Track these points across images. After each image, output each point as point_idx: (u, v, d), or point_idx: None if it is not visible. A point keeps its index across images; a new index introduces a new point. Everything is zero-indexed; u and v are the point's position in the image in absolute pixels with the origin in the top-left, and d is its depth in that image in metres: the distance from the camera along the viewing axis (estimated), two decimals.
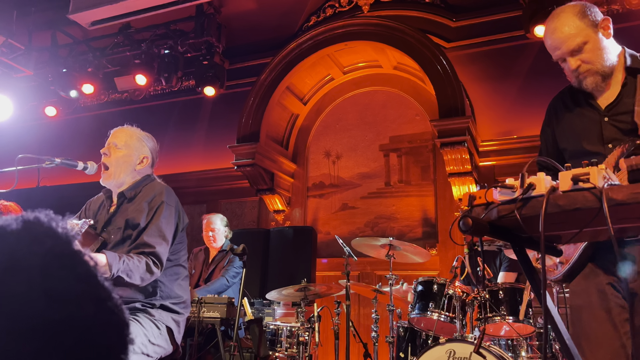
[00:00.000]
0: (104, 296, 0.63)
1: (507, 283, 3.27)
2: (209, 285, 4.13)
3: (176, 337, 2.27)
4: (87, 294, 0.61)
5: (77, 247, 0.64)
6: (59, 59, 6.44)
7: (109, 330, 0.62)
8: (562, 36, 1.82)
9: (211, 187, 6.34)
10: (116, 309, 0.65)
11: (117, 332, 0.64)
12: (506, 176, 5.19)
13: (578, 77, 1.87)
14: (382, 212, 5.59)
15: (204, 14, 5.93)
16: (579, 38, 1.81)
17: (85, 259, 0.64)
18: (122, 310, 0.66)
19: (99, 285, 0.63)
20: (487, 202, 1.20)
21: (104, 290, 0.64)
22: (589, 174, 1.07)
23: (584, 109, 1.92)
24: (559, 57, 1.89)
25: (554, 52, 1.89)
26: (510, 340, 3.30)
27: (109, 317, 0.63)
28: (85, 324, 0.59)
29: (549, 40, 1.89)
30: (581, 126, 1.90)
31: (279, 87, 5.68)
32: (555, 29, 1.84)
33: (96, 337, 0.60)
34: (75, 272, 0.61)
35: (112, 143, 2.41)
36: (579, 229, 1.19)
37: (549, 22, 1.89)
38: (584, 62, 1.83)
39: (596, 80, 1.84)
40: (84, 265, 0.63)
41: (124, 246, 2.23)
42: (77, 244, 0.64)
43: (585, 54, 1.82)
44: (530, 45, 5.20)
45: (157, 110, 6.93)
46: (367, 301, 5.15)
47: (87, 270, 0.63)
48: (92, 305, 0.61)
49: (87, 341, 0.59)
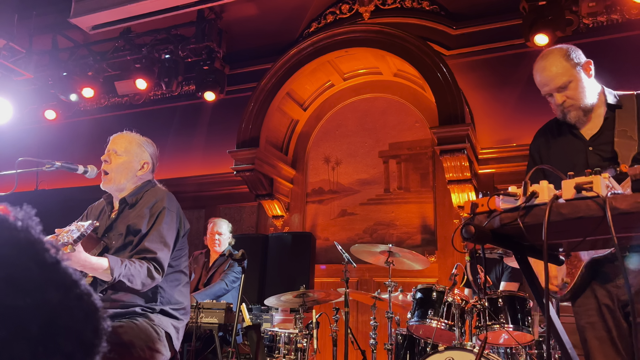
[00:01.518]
0: (69, 282, 0.64)
1: (506, 291, 3.27)
2: (208, 289, 4.11)
3: (175, 343, 2.26)
4: (51, 281, 0.61)
5: (36, 236, 0.64)
6: (60, 63, 6.45)
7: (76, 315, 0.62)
8: (550, 74, 2.06)
9: (210, 192, 6.33)
10: (84, 295, 0.65)
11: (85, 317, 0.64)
12: (506, 184, 5.20)
13: (563, 110, 2.10)
14: (381, 218, 5.59)
15: (205, 19, 5.95)
16: (564, 77, 2.04)
17: (47, 247, 0.64)
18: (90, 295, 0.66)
19: (64, 272, 0.64)
20: (490, 210, 1.20)
21: (68, 276, 0.64)
22: (592, 183, 1.07)
23: (569, 139, 2.16)
24: (547, 93, 2.11)
25: (542, 88, 2.12)
26: (509, 349, 3.29)
27: (76, 302, 0.63)
28: (50, 310, 0.60)
29: (538, 77, 2.11)
30: (569, 154, 2.13)
31: (279, 92, 5.68)
32: (544, 67, 2.08)
33: (64, 323, 0.60)
34: (36, 259, 0.62)
35: (112, 150, 2.40)
36: (582, 238, 1.19)
37: (539, 61, 2.12)
38: (569, 98, 2.06)
39: (579, 114, 2.08)
40: (46, 253, 0.63)
41: (125, 252, 2.23)
42: (36, 233, 0.65)
43: (569, 91, 2.06)
44: (530, 53, 5.21)
45: (157, 115, 6.92)
46: (366, 308, 5.14)
47: (50, 258, 0.63)
48: (56, 291, 0.61)
49: (54, 327, 0.59)
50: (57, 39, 6.55)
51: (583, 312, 1.97)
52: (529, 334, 3.07)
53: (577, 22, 4.91)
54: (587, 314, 1.95)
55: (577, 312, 2.02)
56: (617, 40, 4.89)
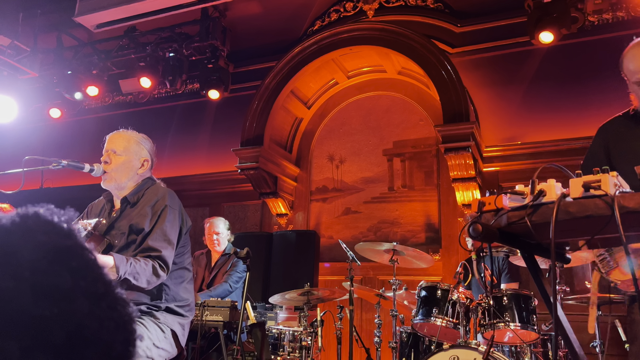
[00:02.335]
0: (102, 292, 0.61)
1: (511, 289, 3.26)
2: (212, 290, 4.11)
3: (181, 341, 2.27)
4: (81, 289, 0.58)
5: (75, 241, 0.62)
6: (64, 61, 6.46)
7: (107, 326, 0.59)
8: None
9: (214, 190, 6.34)
10: (117, 305, 0.62)
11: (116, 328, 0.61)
12: (510, 182, 5.19)
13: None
14: (385, 216, 5.58)
15: (209, 17, 5.95)
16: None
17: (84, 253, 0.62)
18: (125, 306, 0.63)
19: (97, 280, 0.61)
20: (497, 208, 1.20)
21: (102, 285, 0.61)
22: (600, 181, 1.07)
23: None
24: (639, 80, 2.03)
25: (637, 74, 2.04)
26: (514, 347, 3.28)
27: (107, 313, 0.60)
28: (77, 321, 0.57)
29: (634, 63, 2.04)
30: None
31: (283, 91, 5.68)
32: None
33: (91, 334, 0.57)
34: (68, 267, 0.59)
35: (110, 150, 2.38)
36: (590, 237, 1.18)
37: (637, 47, 2.06)
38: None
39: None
40: (81, 260, 0.61)
41: (128, 251, 2.23)
42: (77, 237, 0.62)
43: None
44: (534, 51, 5.20)
45: (162, 113, 6.94)
46: (370, 306, 5.14)
47: (84, 265, 0.60)
48: (86, 300, 0.58)
49: (81, 338, 0.56)
50: (62, 38, 6.57)
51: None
52: (534, 332, 3.07)
53: (583, 20, 4.89)
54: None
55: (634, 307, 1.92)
56: (622, 37, 4.84)
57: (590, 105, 4.79)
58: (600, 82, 4.77)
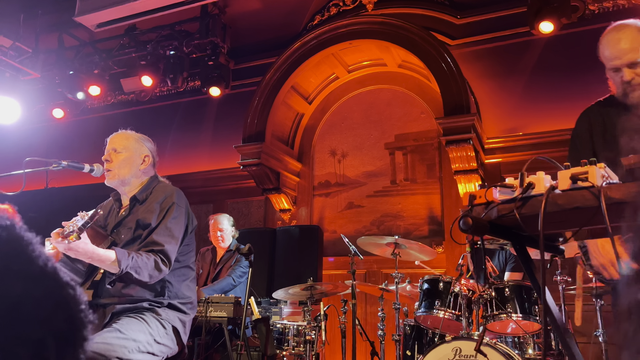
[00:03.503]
0: (37, 273, 0.65)
1: (513, 280, 3.27)
2: (215, 284, 4.14)
3: (182, 338, 2.29)
4: (13, 272, 0.63)
5: (9, 232, 0.67)
6: (66, 61, 6.50)
7: (44, 304, 0.64)
8: (626, 47, 1.95)
9: (217, 186, 6.37)
10: (57, 286, 0.67)
11: (56, 306, 0.65)
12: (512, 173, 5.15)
13: (626, 89, 1.99)
14: (388, 210, 5.59)
15: (209, 14, 5.95)
16: (639, 52, 1.94)
17: (19, 241, 0.66)
18: (66, 287, 0.68)
19: (31, 264, 0.65)
20: (487, 202, 1.21)
21: (37, 268, 0.66)
22: (588, 173, 1.08)
23: (627, 118, 2.02)
24: (615, 67, 2.01)
25: (611, 61, 2.01)
26: (517, 338, 3.30)
27: (43, 292, 0.64)
28: (10, 300, 0.62)
29: (609, 49, 2.01)
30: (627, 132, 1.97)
31: (284, 86, 5.69)
32: (619, 39, 1.98)
33: (27, 312, 0.62)
34: (2, 254, 0.64)
35: (111, 149, 2.44)
36: (578, 228, 1.19)
37: (612, 32, 2.02)
38: (637, 76, 1.96)
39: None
40: (14, 247, 0.65)
41: (133, 245, 2.27)
42: (12, 230, 0.67)
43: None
44: (535, 41, 5.17)
45: (163, 111, 6.97)
46: (374, 299, 5.16)
47: (18, 251, 0.65)
48: (18, 281, 0.63)
49: (16, 316, 0.61)
50: (63, 38, 6.60)
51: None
52: (537, 322, 3.08)
53: (583, 9, 4.86)
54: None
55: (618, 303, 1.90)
56: None
57: (592, 94, 4.73)
58: (601, 71, 4.72)
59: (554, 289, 3.50)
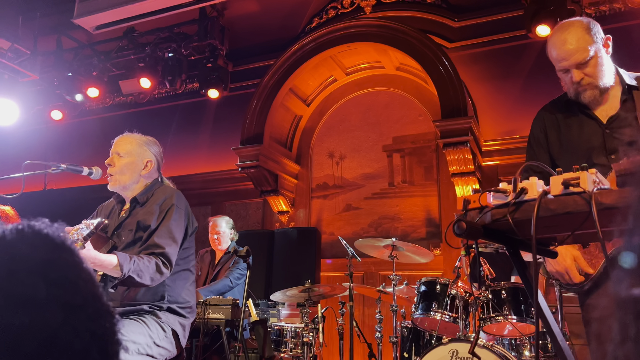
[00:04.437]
0: (79, 303, 0.62)
1: (509, 282, 3.29)
2: (212, 285, 4.15)
3: (181, 341, 2.30)
4: (56, 300, 0.60)
5: (59, 254, 0.63)
6: (64, 63, 6.51)
7: (82, 337, 0.60)
8: (572, 48, 1.89)
9: (216, 188, 6.38)
10: (96, 316, 0.63)
11: (92, 338, 0.62)
12: (509, 176, 5.20)
13: (577, 89, 1.94)
14: (386, 212, 5.61)
15: (207, 17, 5.97)
16: (585, 53, 1.88)
17: (67, 266, 0.63)
18: (106, 317, 0.64)
19: (75, 292, 0.62)
20: (482, 206, 1.22)
21: (81, 296, 0.62)
22: (579, 179, 1.10)
23: (583, 120, 1.98)
24: (564, 68, 1.95)
25: (559, 63, 1.95)
26: (513, 340, 3.31)
27: (83, 324, 0.61)
28: (49, 330, 0.58)
29: (555, 51, 1.94)
30: (583, 138, 1.96)
31: (282, 88, 5.71)
32: (565, 40, 1.91)
33: (65, 344, 0.59)
34: (46, 278, 0.60)
35: (115, 153, 2.46)
36: (570, 232, 1.21)
37: (557, 33, 1.95)
38: (587, 76, 1.91)
39: (594, 94, 1.93)
40: (60, 272, 0.62)
41: (134, 247, 2.28)
42: (62, 250, 0.64)
43: (589, 68, 1.90)
44: (532, 44, 5.20)
45: (162, 113, 6.98)
46: (372, 301, 5.17)
47: (63, 277, 0.62)
48: (60, 311, 0.59)
49: (53, 347, 0.58)
50: (62, 40, 6.61)
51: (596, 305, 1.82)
52: (533, 324, 3.10)
53: (580, 12, 4.88)
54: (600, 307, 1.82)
55: (590, 304, 1.89)
56: (619, 29, 4.85)
57: None
58: None
59: (550, 292, 3.52)
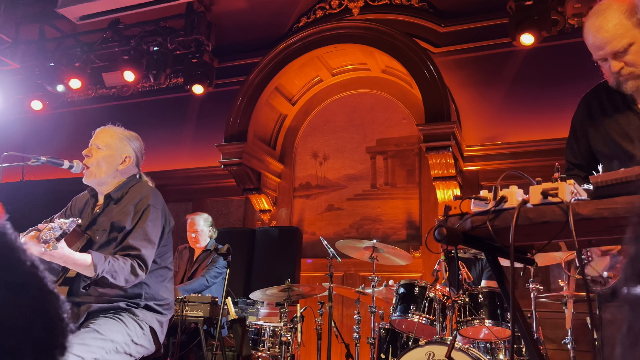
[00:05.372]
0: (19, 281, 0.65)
1: (486, 287, 3.33)
2: (188, 284, 4.11)
3: (159, 337, 2.29)
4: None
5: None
6: (47, 53, 6.40)
7: (25, 314, 0.64)
8: (608, 36, 1.69)
9: (198, 185, 6.34)
10: (38, 295, 0.66)
11: (36, 316, 0.65)
12: (490, 181, 5.26)
13: (618, 79, 1.77)
14: (368, 214, 5.64)
15: (194, 11, 5.93)
16: (625, 39, 1.68)
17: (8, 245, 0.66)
18: (48, 296, 0.67)
19: (14, 271, 0.65)
20: (462, 213, 1.25)
21: (20, 276, 0.66)
22: (558, 189, 1.13)
23: (623, 113, 1.84)
24: (601, 57, 1.77)
25: (595, 52, 1.78)
26: (489, 343, 3.36)
27: (26, 302, 0.64)
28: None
29: (591, 39, 1.75)
30: (622, 130, 1.82)
31: (267, 87, 5.70)
32: (600, 27, 1.71)
33: (8, 321, 0.62)
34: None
35: (93, 144, 2.40)
36: (547, 240, 1.24)
37: (592, 18, 1.75)
38: (628, 65, 1.72)
39: (637, 84, 1.75)
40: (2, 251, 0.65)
41: (109, 248, 2.23)
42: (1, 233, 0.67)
43: (629, 55, 1.70)
44: (516, 52, 5.28)
45: (145, 107, 6.91)
46: (350, 302, 5.20)
47: (4, 256, 0.65)
48: (2, 290, 0.63)
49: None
50: (44, 29, 6.50)
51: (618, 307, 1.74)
52: (508, 329, 3.15)
53: (563, 23, 4.97)
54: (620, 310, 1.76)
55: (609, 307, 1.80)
56: None
57: (569, 107, 4.87)
58: (579, 84, 4.87)
59: (526, 296, 3.58)
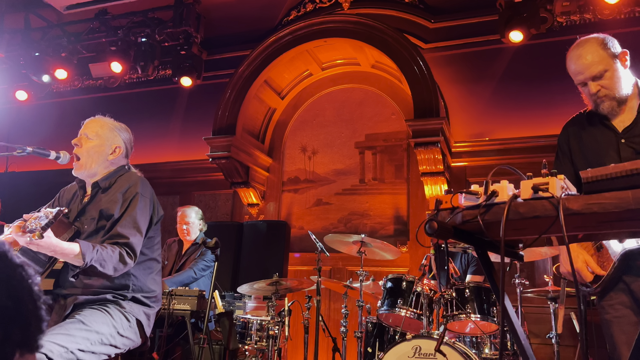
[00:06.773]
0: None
1: (473, 282, 3.36)
2: (175, 276, 4.09)
3: (146, 330, 2.27)
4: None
5: None
6: (32, 43, 6.29)
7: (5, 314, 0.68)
8: (586, 63, 2.04)
9: (185, 178, 6.30)
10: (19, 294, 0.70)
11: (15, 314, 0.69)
12: (478, 177, 5.30)
13: (596, 100, 2.07)
14: (356, 208, 5.65)
15: (183, 3, 5.87)
16: (600, 66, 2.02)
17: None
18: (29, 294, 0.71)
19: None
20: (453, 207, 1.25)
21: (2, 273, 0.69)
22: (548, 184, 1.13)
23: (601, 130, 2.12)
24: (581, 81, 2.09)
25: (576, 76, 2.10)
26: (474, 338, 3.39)
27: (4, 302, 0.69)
28: None
29: (572, 65, 2.09)
30: (599, 147, 2.10)
31: (256, 80, 5.66)
32: (580, 55, 2.06)
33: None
34: None
35: (83, 134, 2.39)
36: (538, 235, 1.25)
37: (574, 49, 2.10)
38: (603, 88, 2.04)
39: (612, 105, 2.05)
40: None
41: (97, 237, 2.22)
42: None
43: (604, 80, 2.03)
44: (504, 49, 5.31)
45: (132, 99, 6.83)
46: (338, 296, 5.21)
47: None
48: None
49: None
50: (30, 18, 6.39)
51: (610, 307, 1.99)
52: (494, 323, 3.18)
53: (552, 20, 5.01)
54: (614, 308, 1.97)
55: (603, 306, 2.02)
56: None
57: (557, 104, 4.93)
58: (565, 82, 4.91)
59: (512, 291, 3.62)
